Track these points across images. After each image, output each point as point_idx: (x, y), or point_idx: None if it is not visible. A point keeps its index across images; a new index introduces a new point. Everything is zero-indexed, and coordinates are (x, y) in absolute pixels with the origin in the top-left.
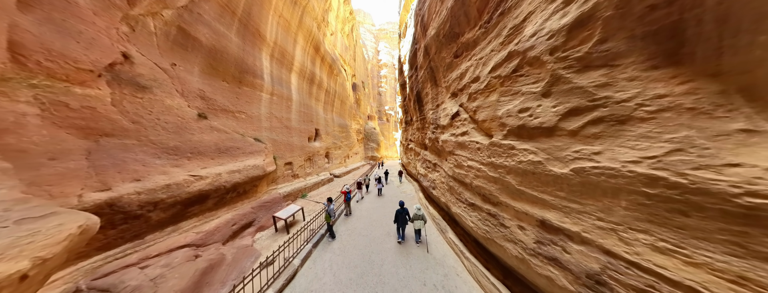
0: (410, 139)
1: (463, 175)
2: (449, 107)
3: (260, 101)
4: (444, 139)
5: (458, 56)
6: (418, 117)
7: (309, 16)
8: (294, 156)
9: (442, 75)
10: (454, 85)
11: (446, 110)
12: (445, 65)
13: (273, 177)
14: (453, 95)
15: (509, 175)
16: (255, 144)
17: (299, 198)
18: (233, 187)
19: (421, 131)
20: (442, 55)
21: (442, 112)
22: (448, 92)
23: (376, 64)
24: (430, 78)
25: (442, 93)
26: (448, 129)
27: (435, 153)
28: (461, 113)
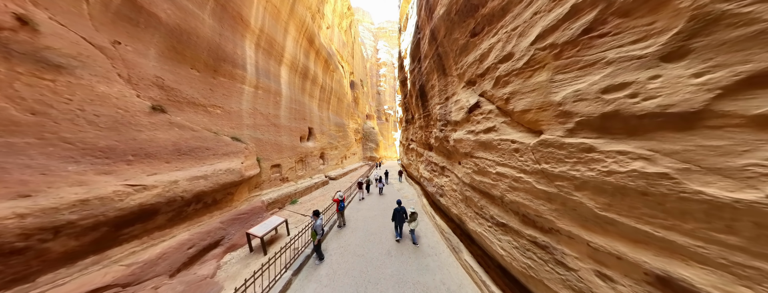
0: (411, 139)
1: (489, 185)
2: (464, 98)
3: (241, 95)
4: (457, 137)
5: (477, 34)
6: (422, 114)
7: (302, 4)
8: (283, 158)
9: (454, 61)
10: (470, 70)
11: (460, 103)
12: (458, 48)
13: (256, 182)
14: (469, 83)
15: (581, 192)
16: (232, 144)
17: (288, 205)
18: (197, 197)
19: (425, 129)
20: (453, 37)
21: (453, 106)
22: (461, 81)
23: (375, 62)
24: (438, 67)
25: (452, 83)
26: (462, 125)
27: (443, 154)
28: (482, 104)
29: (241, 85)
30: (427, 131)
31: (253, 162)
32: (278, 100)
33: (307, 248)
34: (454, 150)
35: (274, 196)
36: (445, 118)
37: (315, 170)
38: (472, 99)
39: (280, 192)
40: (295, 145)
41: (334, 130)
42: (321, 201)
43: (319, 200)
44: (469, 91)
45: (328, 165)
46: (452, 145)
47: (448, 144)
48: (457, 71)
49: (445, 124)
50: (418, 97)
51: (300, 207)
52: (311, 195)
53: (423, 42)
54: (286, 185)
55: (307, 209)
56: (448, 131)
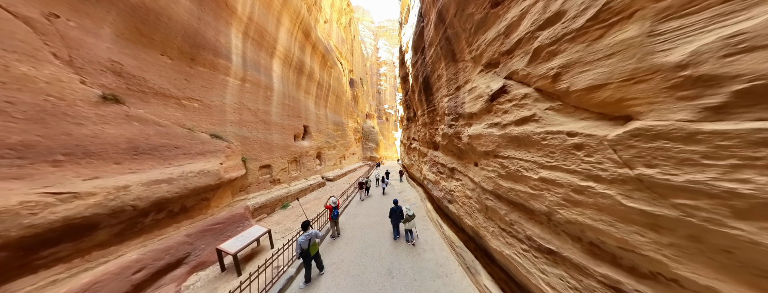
0: (413, 138)
1: (526, 195)
2: (482, 85)
3: (225, 87)
4: (473, 133)
5: (500, 3)
6: (426, 109)
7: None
8: (274, 158)
9: (467, 42)
10: (490, 50)
11: (476, 91)
12: (473, 25)
13: (241, 185)
14: (489, 66)
15: (747, 223)
16: (210, 142)
17: (278, 210)
18: (157, 205)
19: (430, 127)
20: (467, 13)
21: (466, 96)
22: (476, 65)
23: (376, 61)
24: (446, 53)
25: (465, 69)
26: (480, 118)
27: (452, 154)
28: (511, 89)
29: (224, 77)
30: (432, 128)
31: (237, 162)
32: (269, 95)
33: (291, 266)
34: (468, 148)
35: (262, 200)
36: (456, 111)
37: (311, 171)
38: (494, 84)
39: (270, 195)
40: (289, 143)
41: (331, 128)
42: (316, 205)
43: (314, 204)
44: (488, 75)
45: (326, 166)
46: (466, 142)
47: (460, 141)
48: (472, 54)
49: (455, 119)
50: (421, 91)
51: (292, 212)
52: (306, 198)
53: (427, 29)
54: (277, 188)
55: (298, 215)
56: (460, 126)
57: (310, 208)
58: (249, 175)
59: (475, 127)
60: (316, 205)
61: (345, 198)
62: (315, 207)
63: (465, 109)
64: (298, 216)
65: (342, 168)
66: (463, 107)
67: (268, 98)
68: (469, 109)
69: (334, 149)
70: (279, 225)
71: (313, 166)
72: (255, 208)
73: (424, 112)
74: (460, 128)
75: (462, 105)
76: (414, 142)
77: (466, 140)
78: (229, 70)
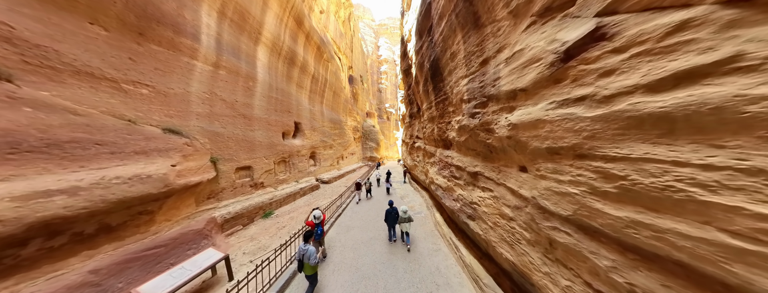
0: (417, 136)
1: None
2: (538, 43)
3: (190, 73)
4: (521, 120)
5: None
6: (434, 100)
7: None
8: (256, 158)
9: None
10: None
11: (528, 53)
12: None
13: (210, 191)
14: (548, 12)
15: None
16: (160, 138)
17: (259, 220)
18: (45, 229)
19: (439, 120)
20: None
21: (503, 68)
22: (521, 18)
23: (376, 59)
24: (465, 20)
25: (497, 32)
26: (536, 95)
27: (476, 153)
28: (621, 27)
29: (189, 60)
30: (443, 122)
31: (202, 163)
32: (251, 86)
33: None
34: (508, 145)
35: (236, 209)
36: (483, 93)
37: (303, 172)
38: (569, 33)
39: (248, 202)
40: (275, 142)
41: (328, 126)
42: (306, 212)
43: (304, 211)
44: (547, 26)
45: (321, 167)
46: (504, 135)
47: (491, 135)
48: (511, 6)
49: (481, 104)
50: (427, 80)
51: (274, 222)
52: (294, 204)
53: (436, 2)
54: (259, 193)
55: (281, 227)
56: (491, 113)
57: (299, 217)
58: (221, 179)
59: (524, 110)
60: (306, 212)
61: (339, 204)
62: (304, 215)
63: (501, 86)
64: (280, 228)
65: (340, 170)
66: (496, 85)
67: (249, 89)
68: (511, 85)
69: (330, 149)
70: (253, 242)
71: (306, 167)
72: (226, 219)
73: (430, 105)
74: (492, 116)
75: (495, 82)
76: (418, 141)
77: (503, 132)
78: (197, 52)
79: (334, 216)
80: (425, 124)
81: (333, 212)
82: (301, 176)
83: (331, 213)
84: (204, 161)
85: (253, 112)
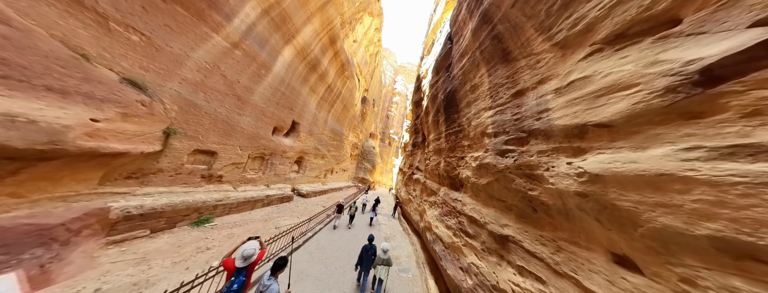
0: (417, 167)
1: None
2: (626, 65)
3: (202, 41)
4: (614, 170)
5: None
6: (445, 130)
7: (334, 7)
8: (228, 145)
9: (539, 28)
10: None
11: (608, 78)
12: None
13: (137, 169)
14: (619, 39)
15: None
16: (107, 84)
17: (187, 227)
18: None
19: (447, 154)
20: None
21: (559, 97)
22: (571, 49)
23: (391, 90)
24: (491, 56)
25: (535, 65)
26: (657, 130)
27: (507, 207)
28: None
29: (209, 31)
30: (454, 156)
31: (148, 131)
32: (262, 74)
33: None
34: (581, 207)
35: (156, 204)
36: (520, 126)
37: (280, 177)
38: (702, 51)
39: (183, 198)
40: (262, 134)
41: (327, 135)
42: (255, 230)
43: (253, 228)
44: (634, 50)
45: (304, 176)
46: (576, 189)
47: (541, 185)
48: (553, 39)
49: (518, 140)
50: (439, 110)
51: (203, 236)
52: (248, 215)
53: (458, 45)
54: (209, 188)
55: (203, 250)
56: (539, 154)
57: (242, 236)
58: (165, 157)
59: (613, 155)
60: (261, 228)
61: (306, 230)
62: (260, 231)
63: (553, 119)
64: (202, 249)
65: (324, 184)
66: (543, 118)
67: (259, 76)
68: (574, 119)
69: (321, 158)
70: (138, 267)
71: (286, 172)
72: (129, 216)
73: (439, 135)
74: (539, 157)
75: (541, 115)
76: (417, 173)
77: (568, 184)
78: (221, 28)
79: (292, 246)
80: (430, 155)
81: (288, 242)
82: (276, 181)
83: (286, 243)
84: (153, 129)
85: (251, 96)
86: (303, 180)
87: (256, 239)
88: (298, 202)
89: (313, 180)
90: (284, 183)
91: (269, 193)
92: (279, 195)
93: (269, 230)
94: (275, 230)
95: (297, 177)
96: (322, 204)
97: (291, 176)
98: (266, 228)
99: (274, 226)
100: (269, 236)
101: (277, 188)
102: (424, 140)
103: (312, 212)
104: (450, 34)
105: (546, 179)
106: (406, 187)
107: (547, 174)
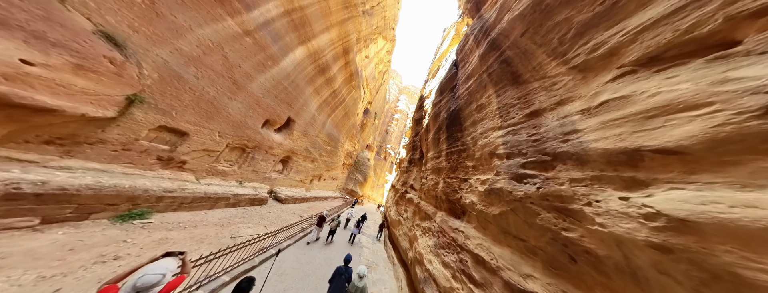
0: (411, 185)
1: None
2: (684, 84)
3: (213, 21)
4: (718, 216)
5: None
6: (446, 149)
7: (353, 24)
8: (204, 128)
9: (552, 54)
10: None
11: (657, 98)
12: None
13: (69, 136)
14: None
15: None
16: (73, 30)
17: (109, 221)
18: None
19: (448, 175)
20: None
21: (590, 118)
22: (594, 72)
23: (393, 107)
24: (499, 78)
25: (554, 85)
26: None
27: (528, 248)
28: None
29: (223, 14)
30: (455, 177)
31: (105, 92)
32: (268, 64)
33: None
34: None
35: (76, 183)
36: (541, 148)
37: (258, 174)
38: None
39: (119, 180)
40: (250, 124)
41: (322, 138)
42: (211, 234)
43: (210, 232)
44: (686, 70)
45: (288, 178)
46: (645, 239)
47: (580, 225)
48: (570, 63)
49: (539, 165)
50: (441, 128)
51: (122, 237)
52: (205, 215)
53: (465, 67)
54: (162, 174)
55: (114, 256)
56: (573, 183)
57: (180, 243)
58: (117, 126)
59: (703, 192)
60: (210, 236)
61: (270, 246)
62: (210, 243)
63: (586, 142)
64: (105, 261)
65: (308, 191)
66: (572, 140)
67: (263, 65)
68: (618, 143)
69: (311, 162)
70: None
71: (268, 170)
72: (21, 194)
73: (439, 154)
74: (573, 187)
75: (569, 136)
76: (411, 192)
77: (629, 229)
78: (238, 15)
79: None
80: (427, 174)
81: (240, 260)
82: (253, 179)
83: (233, 263)
84: (114, 92)
85: (249, 84)
86: (285, 182)
87: (176, 256)
88: (272, 207)
89: (297, 184)
90: (262, 182)
91: (239, 192)
92: (250, 195)
93: (221, 239)
94: (230, 240)
95: (278, 179)
96: (300, 213)
97: (272, 176)
98: (218, 237)
99: (231, 235)
100: (217, 247)
101: (251, 187)
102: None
103: (284, 222)
104: (455, 61)
105: (589, 217)
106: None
107: (591, 211)
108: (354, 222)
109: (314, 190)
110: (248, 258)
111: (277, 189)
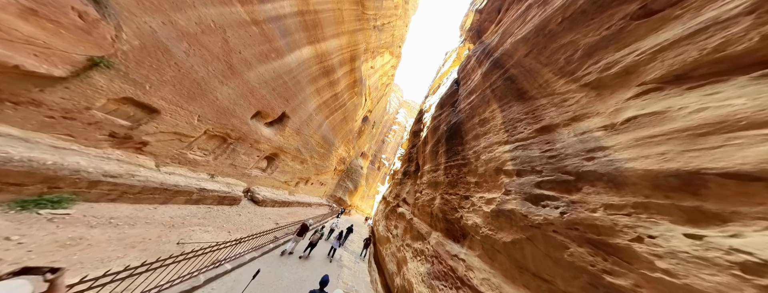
0: (404, 199)
1: None
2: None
3: (221, 5)
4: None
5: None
6: (445, 162)
7: (363, 36)
8: (181, 109)
9: (559, 73)
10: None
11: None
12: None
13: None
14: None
15: None
16: None
17: (31, 208)
18: None
19: (446, 190)
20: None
21: (616, 134)
22: (620, 88)
23: (392, 119)
24: (503, 94)
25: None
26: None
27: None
28: None
29: (234, 0)
30: (455, 194)
31: (63, 47)
32: (271, 57)
33: None
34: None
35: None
36: (561, 167)
37: (236, 169)
38: None
39: (39, 154)
40: (238, 113)
41: (315, 140)
42: (152, 237)
43: (151, 234)
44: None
45: (270, 178)
46: None
47: (631, 266)
48: (581, 81)
49: (560, 185)
50: (440, 141)
51: (37, 231)
52: (152, 212)
53: (467, 84)
54: (110, 153)
55: (22, 257)
56: (608, 210)
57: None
58: (66, 90)
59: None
60: (156, 240)
61: (218, 261)
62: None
63: (619, 162)
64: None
65: (292, 194)
66: (599, 159)
67: (266, 57)
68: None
69: (300, 163)
70: None
71: (248, 166)
72: None
73: (437, 167)
74: (612, 215)
75: (593, 154)
76: (403, 206)
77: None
78: (249, 4)
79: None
80: (422, 188)
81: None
82: (229, 173)
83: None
84: (74, 49)
85: (246, 71)
86: (266, 181)
87: (41, 275)
88: (245, 209)
89: (280, 185)
90: (239, 178)
91: (208, 187)
92: (221, 192)
93: (163, 245)
94: (175, 248)
95: (260, 177)
96: (277, 218)
97: (253, 172)
98: (160, 242)
99: (179, 240)
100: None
101: (225, 183)
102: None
103: (255, 228)
104: (457, 79)
105: (644, 259)
106: (387, 221)
107: (645, 251)
108: (336, 234)
109: (299, 194)
110: (189, 275)
111: (256, 189)
